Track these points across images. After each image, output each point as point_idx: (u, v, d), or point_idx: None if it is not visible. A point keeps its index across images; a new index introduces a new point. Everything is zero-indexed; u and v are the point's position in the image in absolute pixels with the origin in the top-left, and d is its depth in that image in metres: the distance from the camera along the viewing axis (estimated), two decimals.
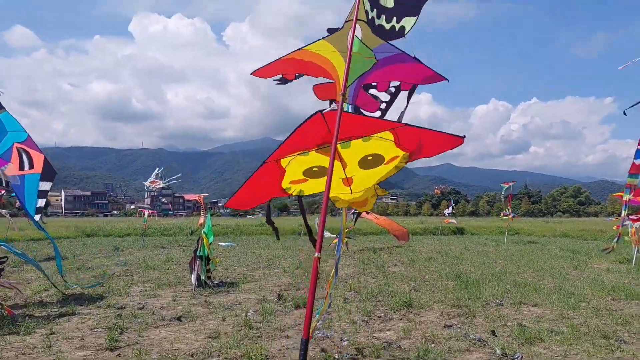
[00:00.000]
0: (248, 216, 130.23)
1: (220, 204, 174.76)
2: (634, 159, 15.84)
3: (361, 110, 5.48)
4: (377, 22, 5.49)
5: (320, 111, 4.19)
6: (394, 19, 5.16)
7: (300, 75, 5.31)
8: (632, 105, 14.85)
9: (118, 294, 10.41)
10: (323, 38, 4.74)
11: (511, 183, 27.83)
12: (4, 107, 7.67)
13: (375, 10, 5.14)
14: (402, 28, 5.14)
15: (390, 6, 5.08)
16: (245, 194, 5.03)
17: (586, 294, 10.26)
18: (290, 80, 5.17)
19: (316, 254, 4.21)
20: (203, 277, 11.04)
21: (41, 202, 7.95)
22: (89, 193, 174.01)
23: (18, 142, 7.63)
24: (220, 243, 25.75)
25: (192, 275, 10.70)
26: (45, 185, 7.93)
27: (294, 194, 5.30)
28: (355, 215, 23.03)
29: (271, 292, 10.58)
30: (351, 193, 5.62)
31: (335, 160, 4.94)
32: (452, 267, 14.89)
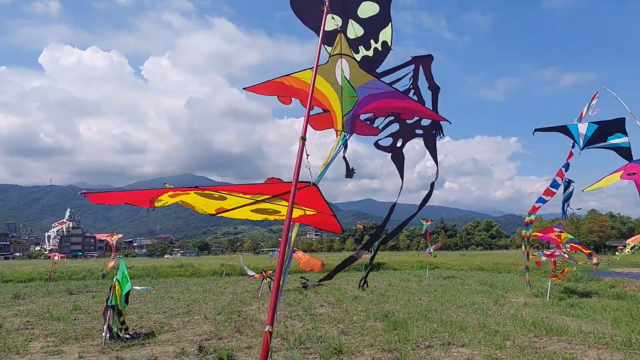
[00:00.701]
0: (166, 256, 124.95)
1: (135, 244, 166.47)
2: (535, 202, 17.12)
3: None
4: (358, 57, 5.36)
5: (315, 185, 4.10)
6: (372, 41, 5.00)
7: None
8: (543, 130, 16.04)
9: (15, 352, 9.24)
10: (309, 68, 4.44)
11: (430, 222, 28.77)
12: None
13: (350, 50, 4.96)
14: (385, 43, 4.98)
15: (361, 34, 4.92)
16: (124, 196, 4.52)
17: (509, 331, 10.46)
18: (287, 104, 4.89)
19: (267, 327, 3.64)
20: (115, 329, 10.10)
21: None
22: None
23: None
24: (135, 287, 24.14)
25: (105, 326, 9.75)
26: None
27: (157, 205, 4.79)
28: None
29: (191, 343, 9.85)
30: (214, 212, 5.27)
31: (239, 196, 4.71)
32: (379, 306, 14.80)
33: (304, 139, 4.01)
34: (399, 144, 6.01)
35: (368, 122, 5.76)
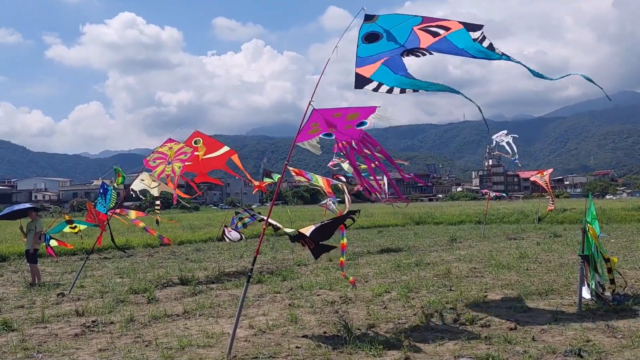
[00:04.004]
0: (607, 197, 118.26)
1: (567, 182, 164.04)
2: None
3: None
4: None
5: None
6: None
7: None
8: None
9: (474, 304, 9.34)
10: None
11: None
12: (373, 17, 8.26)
13: None
14: None
15: None
16: None
17: None
18: None
19: None
20: (593, 286, 9.02)
21: (486, 44, 7.81)
22: (411, 175, 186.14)
23: (417, 25, 8.12)
24: None
25: (582, 286, 8.79)
26: (477, 35, 7.82)
27: None
28: None
29: None
30: None
31: None
32: None
33: None
34: None
35: None
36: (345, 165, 23.87)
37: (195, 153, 13.92)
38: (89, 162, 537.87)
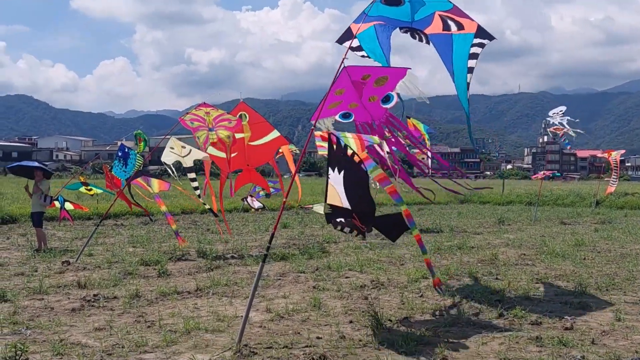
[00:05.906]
0: None
1: (628, 164, 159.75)
2: None
3: None
4: None
5: None
6: None
7: None
8: None
9: (524, 296, 8.79)
10: None
11: None
12: None
13: None
14: None
15: None
16: None
17: None
18: None
19: None
20: None
21: (471, 63, 8.07)
22: (457, 150, 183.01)
23: (441, 11, 8.21)
24: None
25: None
26: (479, 41, 8.08)
27: None
28: None
29: None
30: None
31: None
32: None
33: None
34: None
35: None
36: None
37: (239, 135, 12.35)
38: (114, 121, 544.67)
